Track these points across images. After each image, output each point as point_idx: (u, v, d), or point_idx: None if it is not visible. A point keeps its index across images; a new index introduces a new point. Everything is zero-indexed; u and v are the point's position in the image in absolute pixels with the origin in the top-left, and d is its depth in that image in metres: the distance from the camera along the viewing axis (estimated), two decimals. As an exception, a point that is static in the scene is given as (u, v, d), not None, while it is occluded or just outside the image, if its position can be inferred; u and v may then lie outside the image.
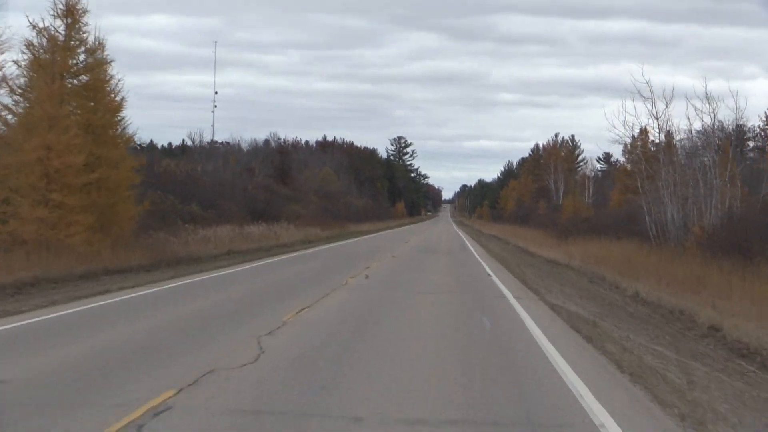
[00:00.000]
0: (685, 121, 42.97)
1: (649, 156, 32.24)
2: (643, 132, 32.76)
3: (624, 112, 46.69)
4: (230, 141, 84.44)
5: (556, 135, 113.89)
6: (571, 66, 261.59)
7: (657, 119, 30.61)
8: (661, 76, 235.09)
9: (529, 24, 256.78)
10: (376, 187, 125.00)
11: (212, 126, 69.94)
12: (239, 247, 33.49)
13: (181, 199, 39.92)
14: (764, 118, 61.56)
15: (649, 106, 30.79)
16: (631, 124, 43.11)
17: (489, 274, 25.56)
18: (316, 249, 40.46)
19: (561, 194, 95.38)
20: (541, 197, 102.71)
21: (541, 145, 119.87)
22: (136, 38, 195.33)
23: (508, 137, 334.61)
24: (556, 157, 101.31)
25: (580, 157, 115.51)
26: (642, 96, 30.56)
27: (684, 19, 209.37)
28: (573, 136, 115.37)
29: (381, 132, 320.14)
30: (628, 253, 27.65)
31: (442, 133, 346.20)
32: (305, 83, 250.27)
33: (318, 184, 76.15)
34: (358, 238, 58.09)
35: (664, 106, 30.70)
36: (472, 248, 45.74)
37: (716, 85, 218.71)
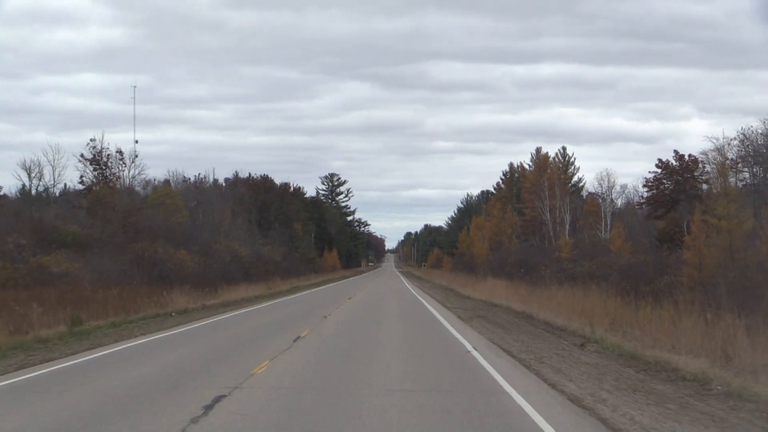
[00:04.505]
0: None
1: None
2: None
3: None
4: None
5: (538, 150, 79.53)
6: (505, 112, 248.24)
7: None
8: (595, 118, 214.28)
9: (461, 70, 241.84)
10: (293, 230, 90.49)
11: (133, 177, 52.98)
12: None
13: None
14: None
15: None
16: None
17: None
18: None
19: (567, 227, 62.39)
20: (531, 234, 69.98)
21: (516, 165, 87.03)
22: (65, 97, 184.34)
23: (447, 185, 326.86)
24: (552, 175, 67.30)
25: (575, 177, 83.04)
26: None
27: (617, 61, 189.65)
28: (564, 148, 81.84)
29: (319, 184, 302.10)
30: None
31: (380, 183, 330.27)
32: (240, 137, 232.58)
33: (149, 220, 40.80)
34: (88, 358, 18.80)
35: None
36: None
37: (652, 127, 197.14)
